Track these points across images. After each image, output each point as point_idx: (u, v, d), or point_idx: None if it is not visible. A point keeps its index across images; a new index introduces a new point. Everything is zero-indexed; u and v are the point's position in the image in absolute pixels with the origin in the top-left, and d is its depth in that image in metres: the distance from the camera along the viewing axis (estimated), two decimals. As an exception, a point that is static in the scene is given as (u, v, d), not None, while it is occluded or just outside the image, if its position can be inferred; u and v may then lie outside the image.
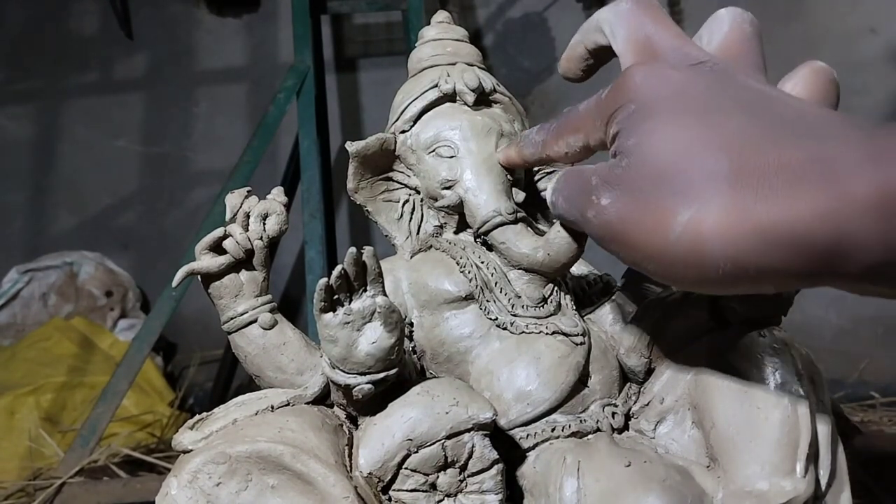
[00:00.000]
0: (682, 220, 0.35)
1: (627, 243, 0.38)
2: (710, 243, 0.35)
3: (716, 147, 0.35)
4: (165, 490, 0.44)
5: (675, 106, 0.38)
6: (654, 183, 0.37)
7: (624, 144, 0.39)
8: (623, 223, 0.38)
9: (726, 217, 0.34)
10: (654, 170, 0.37)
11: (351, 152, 0.56)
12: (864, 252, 0.32)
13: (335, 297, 0.44)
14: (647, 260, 0.38)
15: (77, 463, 1.36)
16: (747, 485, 0.46)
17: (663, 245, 0.36)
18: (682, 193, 0.35)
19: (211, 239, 0.51)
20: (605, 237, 0.40)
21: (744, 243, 0.34)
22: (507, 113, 0.59)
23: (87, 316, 2.00)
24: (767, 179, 0.33)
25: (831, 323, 2.03)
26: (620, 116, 0.40)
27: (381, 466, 0.45)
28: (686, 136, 0.36)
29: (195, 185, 2.29)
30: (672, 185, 0.36)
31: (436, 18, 0.62)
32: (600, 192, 0.39)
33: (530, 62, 2.22)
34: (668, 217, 0.36)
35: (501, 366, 0.52)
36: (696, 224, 0.35)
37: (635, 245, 0.38)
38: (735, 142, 0.35)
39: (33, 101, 2.35)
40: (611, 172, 0.39)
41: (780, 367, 0.48)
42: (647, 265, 0.38)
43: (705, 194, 0.35)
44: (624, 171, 0.39)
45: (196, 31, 2.34)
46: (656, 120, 0.38)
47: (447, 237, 0.58)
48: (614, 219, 0.39)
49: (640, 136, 0.38)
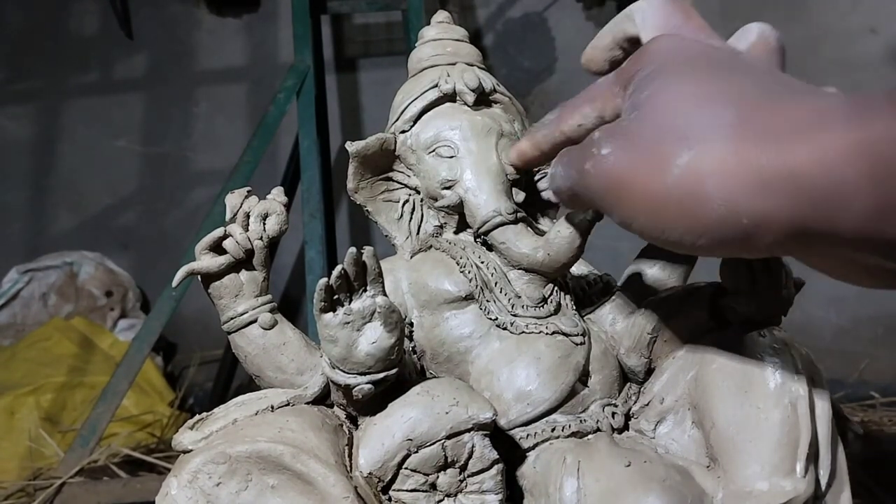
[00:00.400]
0: (681, 163, 0.36)
1: (623, 191, 0.38)
2: (707, 185, 0.35)
3: (723, 99, 0.36)
4: (165, 490, 0.44)
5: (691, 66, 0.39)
6: (658, 130, 0.37)
7: (636, 98, 0.40)
8: (621, 169, 0.38)
9: (726, 159, 0.35)
10: (660, 118, 0.38)
11: (351, 152, 0.56)
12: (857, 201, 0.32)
13: (335, 297, 0.44)
14: (640, 208, 0.38)
15: (77, 463, 1.36)
16: (747, 485, 0.46)
17: (660, 189, 0.37)
18: (685, 138, 0.36)
19: (211, 239, 0.51)
20: (601, 187, 0.40)
21: (741, 185, 0.34)
22: (507, 113, 0.59)
23: (87, 316, 2.00)
24: (769, 129, 0.34)
25: (831, 323, 2.03)
26: (638, 77, 0.41)
27: (381, 466, 0.45)
28: (696, 90, 0.38)
29: (195, 185, 2.29)
30: (676, 131, 0.37)
31: (436, 18, 0.62)
32: (601, 143, 0.40)
33: (530, 62, 2.22)
34: (668, 159, 0.36)
35: (501, 366, 0.52)
36: (695, 165, 0.35)
37: (631, 192, 0.38)
38: (742, 97, 0.36)
39: (33, 101, 2.35)
40: (616, 125, 0.40)
41: (780, 367, 0.48)
42: (639, 215, 0.38)
43: (708, 139, 0.35)
44: (631, 122, 0.39)
45: (196, 31, 2.34)
46: (670, 76, 0.39)
47: (447, 237, 0.58)
48: (612, 166, 0.39)
49: (653, 89, 0.39)
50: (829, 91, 0.38)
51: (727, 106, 0.36)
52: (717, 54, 0.41)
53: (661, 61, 0.40)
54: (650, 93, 0.39)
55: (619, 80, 0.43)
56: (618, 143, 0.39)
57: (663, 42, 0.42)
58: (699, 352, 0.51)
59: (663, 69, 0.40)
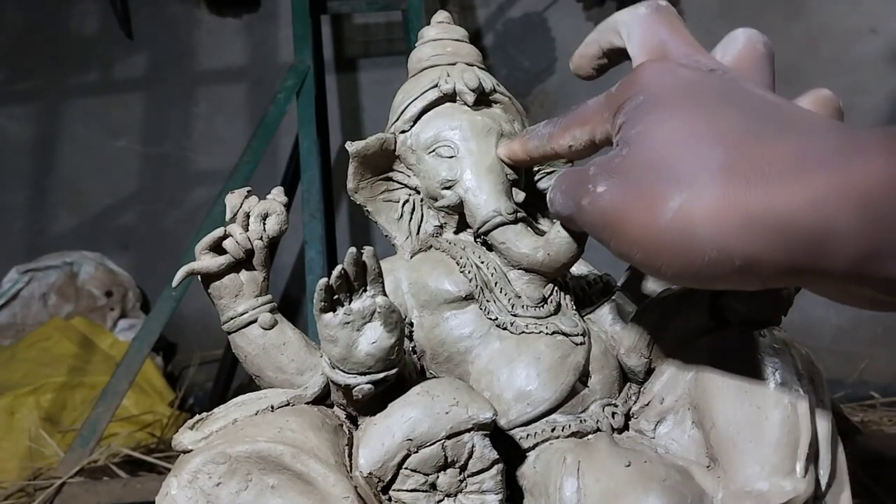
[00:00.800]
0: (673, 206, 0.36)
1: (618, 229, 0.39)
2: (699, 229, 0.35)
3: (712, 139, 0.37)
4: (165, 490, 0.44)
5: (681, 100, 0.39)
6: (650, 170, 0.38)
7: (627, 134, 0.40)
8: (616, 209, 0.39)
9: (717, 204, 0.35)
10: (652, 158, 0.38)
11: (351, 152, 0.56)
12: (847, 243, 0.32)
13: (335, 297, 0.44)
14: (636, 247, 0.38)
15: (77, 463, 1.36)
16: (747, 485, 0.46)
17: (653, 231, 0.37)
18: (676, 180, 0.36)
19: (211, 239, 0.51)
20: (598, 224, 0.41)
21: (732, 230, 0.35)
22: (507, 113, 0.59)
23: (87, 316, 2.00)
24: (759, 170, 0.35)
25: (831, 323, 2.03)
26: (628, 107, 0.41)
27: (381, 466, 0.45)
28: (686, 128, 0.38)
29: (195, 185, 2.29)
30: (667, 172, 0.37)
31: (436, 18, 0.62)
32: (597, 180, 0.40)
33: (530, 62, 2.22)
34: (660, 202, 0.37)
35: (501, 366, 0.52)
36: (686, 209, 0.36)
37: (626, 231, 0.39)
38: (732, 135, 0.36)
39: (33, 101, 2.35)
40: (609, 162, 0.41)
41: (780, 367, 0.48)
42: (636, 253, 0.39)
43: (698, 182, 0.36)
44: (623, 159, 0.40)
45: (196, 31, 2.34)
46: (661, 112, 0.39)
47: (447, 237, 0.58)
48: (608, 205, 0.39)
49: (644, 125, 0.39)
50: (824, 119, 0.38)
51: (716, 145, 0.36)
52: (707, 82, 0.40)
53: (652, 92, 0.40)
54: (640, 129, 0.39)
55: (608, 105, 0.43)
56: (612, 182, 0.39)
57: (653, 71, 0.41)
58: (699, 352, 0.51)
59: (653, 102, 0.40)
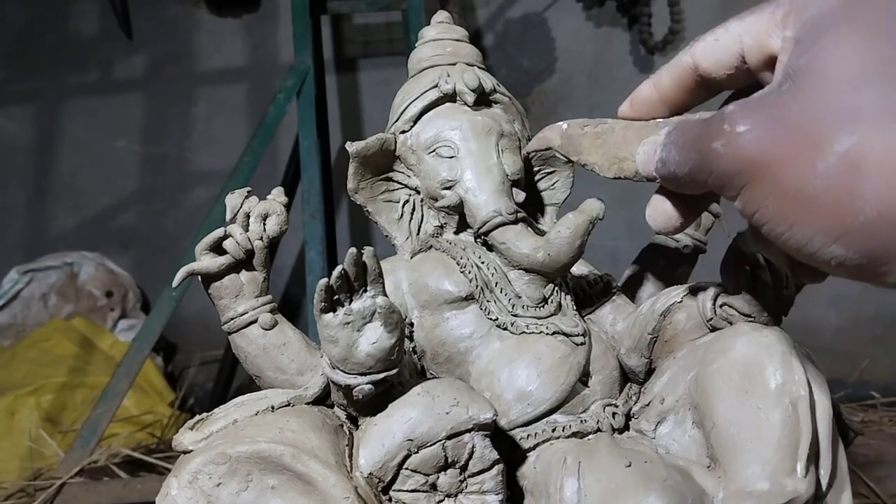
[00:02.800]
0: (839, 149, 0.30)
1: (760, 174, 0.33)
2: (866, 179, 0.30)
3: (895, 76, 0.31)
4: (166, 490, 0.44)
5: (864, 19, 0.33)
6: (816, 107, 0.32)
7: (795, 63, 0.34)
8: (762, 149, 0.33)
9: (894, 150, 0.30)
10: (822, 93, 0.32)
11: (351, 152, 0.56)
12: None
13: (335, 298, 0.44)
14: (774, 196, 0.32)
15: (77, 463, 1.36)
16: (748, 485, 0.46)
17: (805, 177, 0.31)
18: (849, 119, 0.31)
19: (211, 239, 0.51)
20: (731, 169, 0.34)
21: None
22: (507, 113, 0.59)
23: (87, 316, 2.00)
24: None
25: (831, 323, 2.03)
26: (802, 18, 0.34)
27: (382, 467, 0.45)
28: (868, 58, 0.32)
29: (195, 185, 2.29)
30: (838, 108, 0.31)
31: (436, 18, 0.62)
32: (736, 119, 0.34)
33: (530, 62, 2.22)
34: (824, 144, 0.31)
35: (502, 366, 0.52)
36: (856, 154, 0.30)
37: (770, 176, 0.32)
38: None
39: (33, 101, 2.35)
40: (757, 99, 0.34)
41: (780, 367, 0.48)
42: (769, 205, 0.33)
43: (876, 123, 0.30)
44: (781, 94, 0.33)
45: (196, 31, 2.34)
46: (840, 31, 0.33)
47: (447, 237, 0.58)
48: (749, 144, 0.33)
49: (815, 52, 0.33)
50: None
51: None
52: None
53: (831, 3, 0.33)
54: (810, 58, 0.33)
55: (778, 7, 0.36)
56: (759, 120, 0.33)
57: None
58: (699, 352, 0.51)
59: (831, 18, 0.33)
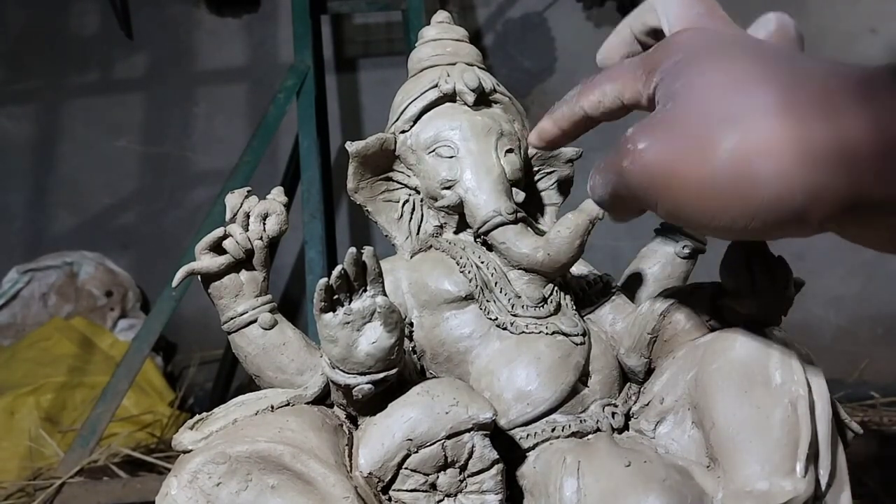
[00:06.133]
0: (727, 146, 0.35)
1: (667, 183, 0.37)
2: (758, 164, 0.34)
3: (761, 80, 0.36)
4: (165, 490, 0.44)
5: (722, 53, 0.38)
6: (700, 116, 0.37)
7: (670, 88, 0.39)
8: (662, 161, 0.37)
9: (775, 137, 0.34)
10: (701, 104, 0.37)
11: (351, 152, 0.56)
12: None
13: (335, 297, 0.44)
14: (688, 199, 0.37)
15: (77, 463, 1.36)
16: (747, 484, 0.46)
17: (707, 176, 0.36)
18: (729, 120, 0.35)
19: (211, 239, 0.51)
20: (643, 182, 0.38)
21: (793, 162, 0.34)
22: (507, 113, 0.59)
23: (87, 316, 2.00)
24: (814, 103, 0.34)
25: (831, 323, 2.03)
26: (666, 65, 0.40)
27: (381, 466, 0.45)
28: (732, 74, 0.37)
29: (195, 185, 2.29)
30: (718, 114, 0.36)
31: (436, 18, 0.62)
32: (636, 137, 0.39)
33: (530, 62, 2.22)
34: (715, 143, 0.35)
35: (501, 366, 0.52)
36: (743, 147, 0.35)
37: (675, 183, 0.37)
38: (778, 76, 0.36)
39: (33, 101, 2.35)
40: (650, 119, 0.39)
41: (780, 367, 0.48)
42: (687, 207, 0.37)
43: (752, 119, 0.35)
44: (667, 112, 0.38)
45: (196, 31, 2.34)
46: (703, 64, 0.38)
47: (447, 237, 0.58)
48: (652, 159, 0.38)
49: (687, 77, 0.38)
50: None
51: (767, 86, 0.35)
52: (746, 40, 0.40)
53: (691, 50, 0.40)
54: (684, 81, 0.38)
55: (643, 65, 0.42)
56: (655, 135, 0.38)
57: (689, 33, 0.41)
58: (699, 352, 0.51)
59: (694, 57, 0.39)
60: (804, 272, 0.56)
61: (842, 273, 1.97)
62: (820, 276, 1.90)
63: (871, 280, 2.00)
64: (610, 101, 0.45)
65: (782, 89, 0.35)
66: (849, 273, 1.99)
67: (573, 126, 0.49)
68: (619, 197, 0.41)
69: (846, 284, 2.00)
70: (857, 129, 0.33)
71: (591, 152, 0.66)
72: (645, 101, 0.42)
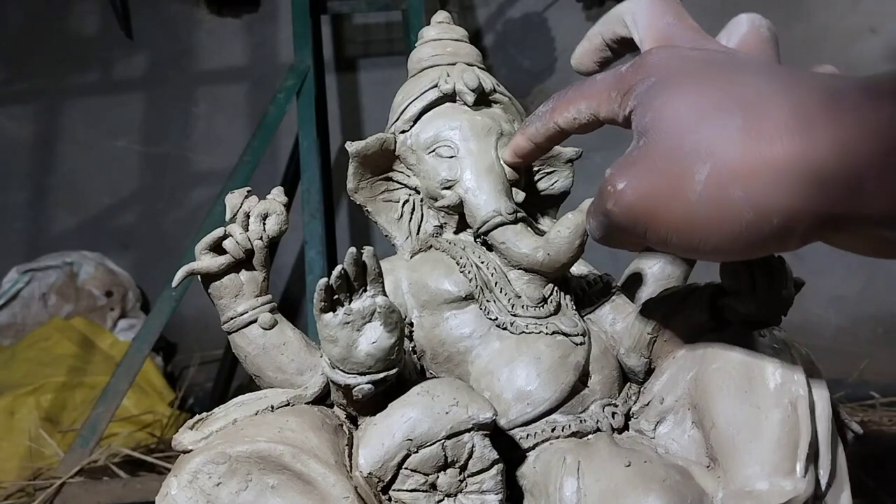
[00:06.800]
0: (700, 178, 0.36)
1: (650, 218, 0.38)
2: (732, 192, 0.35)
3: (728, 106, 0.36)
4: (165, 490, 0.44)
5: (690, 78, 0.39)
6: (670, 150, 0.37)
7: (640, 123, 0.40)
8: (641, 198, 0.38)
9: (744, 163, 0.35)
10: (670, 139, 0.38)
11: (351, 152, 0.56)
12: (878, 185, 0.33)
13: (335, 297, 0.44)
14: (672, 230, 0.38)
15: (77, 463, 1.36)
16: (747, 485, 0.46)
17: (685, 208, 0.37)
18: (698, 152, 0.36)
19: (211, 239, 0.51)
20: (628, 221, 0.40)
21: (766, 185, 0.34)
22: (507, 113, 0.59)
23: (87, 316, 2.00)
24: (780, 125, 0.35)
25: (831, 323, 2.03)
26: (639, 89, 0.41)
27: (381, 466, 0.45)
28: (697, 102, 0.38)
29: (195, 185, 2.29)
30: (687, 147, 0.37)
31: (436, 18, 0.62)
32: (615, 179, 0.40)
33: (530, 62, 2.22)
34: (687, 177, 0.36)
35: (501, 366, 0.52)
36: (715, 176, 0.35)
37: (658, 217, 0.38)
38: (745, 100, 0.36)
39: (33, 101, 2.35)
40: (626, 158, 0.40)
41: (780, 367, 0.48)
42: (672, 237, 0.38)
43: (721, 147, 0.36)
44: (640, 150, 0.39)
45: (196, 31, 2.34)
46: (670, 92, 0.39)
47: (447, 237, 0.58)
48: (632, 198, 0.39)
49: (654, 111, 0.39)
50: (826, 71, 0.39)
51: (733, 112, 0.36)
52: (714, 59, 0.41)
53: (661, 75, 0.40)
54: (652, 116, 0.39)
55: (617, 85, 0.43)
56: (632, 174, 0.39)
57: (661, 53, 0.42)
58: (699, 352, 0.51)
59: (663, 84, 0.40)
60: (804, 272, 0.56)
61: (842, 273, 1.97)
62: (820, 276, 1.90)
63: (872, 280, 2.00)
64: (585, 119, 0.46)
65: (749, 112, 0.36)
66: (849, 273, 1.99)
67: (547, 141, 0.51)
68: (613, 238, 0.43)
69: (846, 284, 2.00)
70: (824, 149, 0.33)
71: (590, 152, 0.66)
72: (621, 121, 0.43)
